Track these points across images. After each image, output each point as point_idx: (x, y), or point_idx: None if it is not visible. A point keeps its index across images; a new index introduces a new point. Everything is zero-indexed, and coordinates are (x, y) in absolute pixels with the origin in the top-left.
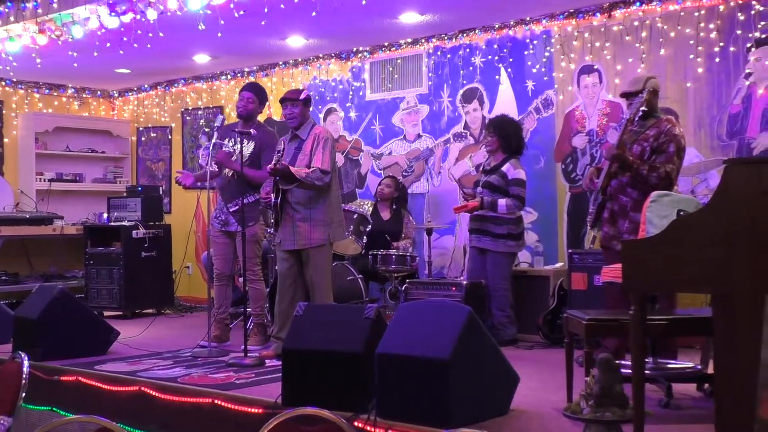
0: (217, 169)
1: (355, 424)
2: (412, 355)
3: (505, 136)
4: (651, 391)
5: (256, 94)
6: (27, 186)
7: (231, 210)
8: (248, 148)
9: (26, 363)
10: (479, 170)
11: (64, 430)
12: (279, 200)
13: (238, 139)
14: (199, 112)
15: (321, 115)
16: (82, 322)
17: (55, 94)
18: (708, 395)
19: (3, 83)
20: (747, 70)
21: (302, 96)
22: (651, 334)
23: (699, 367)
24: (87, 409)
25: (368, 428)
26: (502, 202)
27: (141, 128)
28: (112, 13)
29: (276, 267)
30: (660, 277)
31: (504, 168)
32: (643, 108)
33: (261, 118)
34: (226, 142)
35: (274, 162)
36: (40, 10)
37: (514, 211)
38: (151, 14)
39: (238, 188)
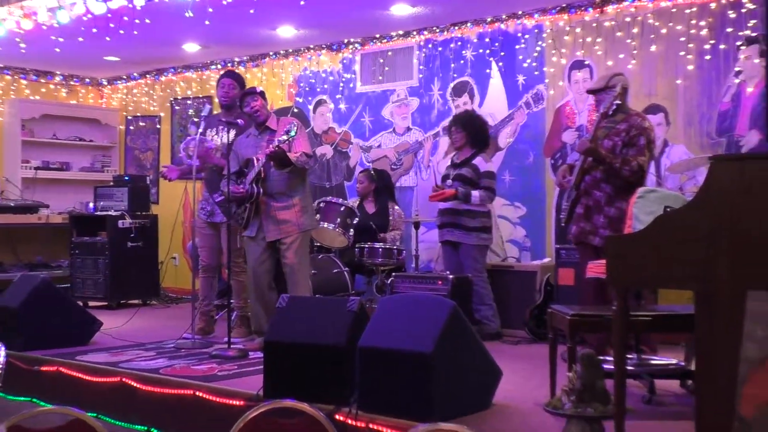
0: (199, 164)
1: (336, 417)
2: (394, 348)
3: (473, 131)
4: (634, 387)
5: (237, 80)
6: (12, 174)
7: (217, 201)
8: (232, 138)
9: (2, 353)
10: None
11: (44, 420)
12: (260, 192)
13: (222, 129)
14: (188, 102)
15: (311, 107)
16: (65, 312)
17: (43, 80)
18: (691, 392)
19: None
20: (737, 68)
21: (258, 89)
22: (634, 330)
23: (682, 363)
24: (67, 400)
25: (349, 421)
26: (475, 193)
27: (130, 117)
28: None
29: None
30: (643, 273)
31: (475, 161)
32: (617, 102)
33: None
34: (209, 132)
35: (275, 145)
36: None
37: (486, 202)
38: (139, 1)
39: (222, 179)
